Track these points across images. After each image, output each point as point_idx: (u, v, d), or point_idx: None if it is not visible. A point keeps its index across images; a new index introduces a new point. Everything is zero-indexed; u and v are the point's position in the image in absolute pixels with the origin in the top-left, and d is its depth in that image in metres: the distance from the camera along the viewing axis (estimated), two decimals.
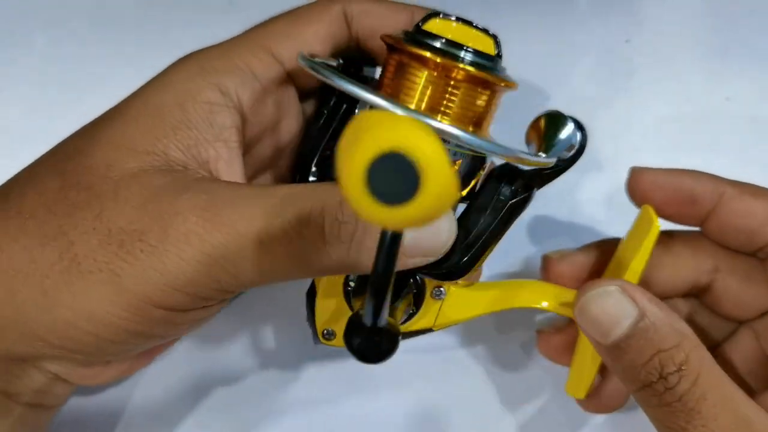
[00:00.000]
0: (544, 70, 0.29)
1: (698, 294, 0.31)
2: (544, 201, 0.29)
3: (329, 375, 0.35)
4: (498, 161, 0.28)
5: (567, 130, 0.27)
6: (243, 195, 0.23)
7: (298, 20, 0.28)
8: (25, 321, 0.23)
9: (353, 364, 0.35)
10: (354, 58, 0.29)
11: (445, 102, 0.25)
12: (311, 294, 0.29)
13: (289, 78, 0.27)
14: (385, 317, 0.22)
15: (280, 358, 0.35)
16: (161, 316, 0.23)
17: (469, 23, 0.26)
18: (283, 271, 0.23)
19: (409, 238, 0.23)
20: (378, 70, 0.29)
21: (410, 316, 0.28)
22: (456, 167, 0.26)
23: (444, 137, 0.22)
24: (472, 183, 0.27)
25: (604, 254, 0.30)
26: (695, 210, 0.29)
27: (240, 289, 0.24)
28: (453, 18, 0.26)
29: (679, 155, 0.39)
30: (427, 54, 0.25)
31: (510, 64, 0.27)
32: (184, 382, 0.34)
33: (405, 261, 0.24)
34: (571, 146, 0.27)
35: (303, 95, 0.29)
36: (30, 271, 0.23)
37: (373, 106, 0.23)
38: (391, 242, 0.18)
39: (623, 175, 0.30)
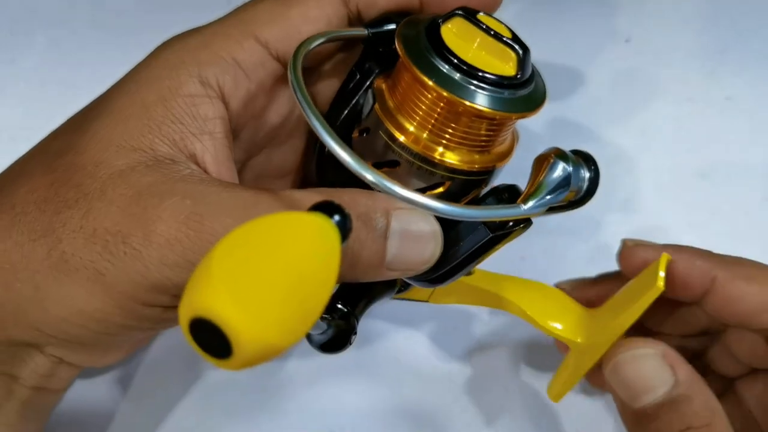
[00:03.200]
0: (543, 70, 0.29)
1: (714, 332, 0.30)
2: None
3: (329, 372, 0.35)
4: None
5: (555, 174, 0.24)
6: (228, 203, 0.23)
7: (285, 2, 0.27)
8: (20, 312, 0.24)
9: (354, 361, 0.35)
10: (388, 22, 0.27)
11: (449, 131, 0.24)
12: None
13: (277, 61, 0.27)
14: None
15: (281, 358, 0.35)
16: (149, 313, 0.24)
17: (496, 34, 0.23)
18: None
19: (393, 252, 0.23)
20: None
21: (402, 289, 0.28)
22: (443, 189, 0.25)
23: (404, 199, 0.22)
24: (470, 196, 0.26)
25: (618, 288, 0.29)
26: (687, 293, 0.28)
27: None
28: (474, 21, 0.24)
29: (679, 155, 0.40)
30: (430, 83, 0.23)
31: None
32: (183, 381, 0.34)
33: (386, 273, 0.24)
34: (579, 187, 0.25)
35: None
36: (22, 265, 0.23)
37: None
38: None
39: (624, 178, 0.30)
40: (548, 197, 0.24)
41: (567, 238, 0.26)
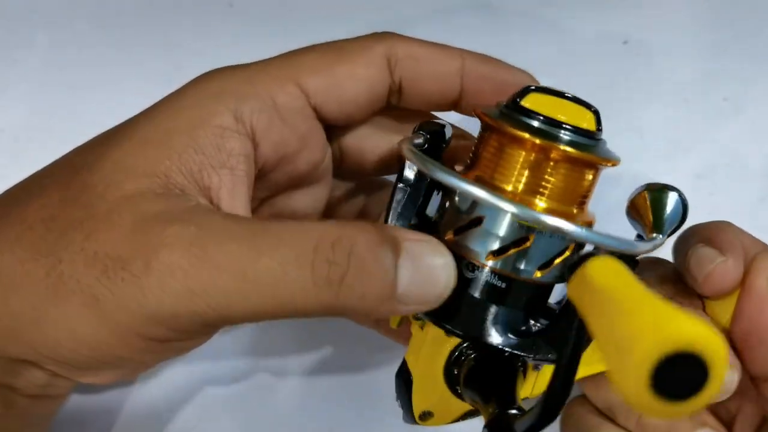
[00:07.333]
0: (542, 71, 0.29)
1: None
2: None
3: (329, 374, 0.35)
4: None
5: (672, 204, 0.26)
6: (233, 231, 0.22)
7: (334, 56, 0.27)
8: (18, 329, 0.23)
9: (354, 368, 0.35)
10: (435, 128, 0.27)
11: (543, 183, 0.24)
12: (403, 374, 0.27)
13: (314, 111, 0.27)
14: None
15: (281, 357, 0.35)
16: (143, 345, 0.23)
17: (567, 97, 0.25)
18: (270, 311, 0.22)
19: (404, 283, 0.22)
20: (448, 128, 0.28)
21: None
22: (528, 244, 0.24)
23: (551, 230, 0.23)
24: (556, 262, 0.25)
25: None
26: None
27: (224, 324, 0.24)
28: (549, 92, 0.25)
29: (677, 156, 0.40)
30: (526, 135, 0.24)
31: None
32: (184, 382, 0.35)
33: (400, 308, 0.23)
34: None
35: (330, 128, 0.29)
36: (23, 283, 0.23)
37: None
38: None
39: (621, 179, 0.30)
40: (668, 228, 0.25)
41: None
